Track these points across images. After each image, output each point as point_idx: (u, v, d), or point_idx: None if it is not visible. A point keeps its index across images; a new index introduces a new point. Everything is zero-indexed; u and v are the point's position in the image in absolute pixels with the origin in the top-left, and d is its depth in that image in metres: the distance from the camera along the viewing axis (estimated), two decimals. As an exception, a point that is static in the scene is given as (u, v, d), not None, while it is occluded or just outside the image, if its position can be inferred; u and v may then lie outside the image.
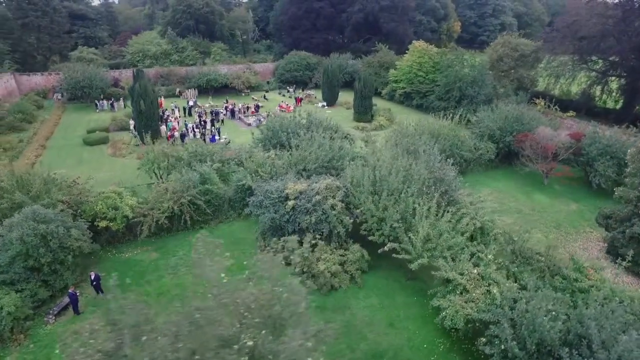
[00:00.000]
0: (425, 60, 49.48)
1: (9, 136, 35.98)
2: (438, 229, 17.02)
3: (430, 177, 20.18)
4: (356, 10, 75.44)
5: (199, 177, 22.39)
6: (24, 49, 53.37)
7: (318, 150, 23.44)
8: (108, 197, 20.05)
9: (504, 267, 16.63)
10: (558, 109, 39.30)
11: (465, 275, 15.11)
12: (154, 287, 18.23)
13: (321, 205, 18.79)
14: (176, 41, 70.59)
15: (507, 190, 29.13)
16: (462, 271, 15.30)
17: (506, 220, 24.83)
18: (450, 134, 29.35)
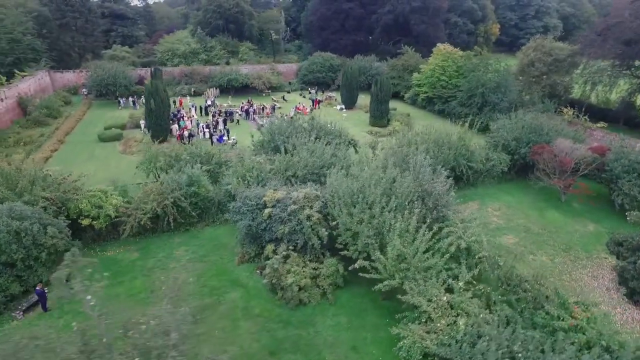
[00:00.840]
0: (449, 64, 47.34)
1: (34, 130, 37.90)
2: (414, 247, 15.80)
3: (416, 190, 18.90)
4: (386, 12, 73.85)
5: (187, 179, 22.29)
6: (60, 47, 56.40)
7: (308, 156, 22.71)
8: (93, 196, 20.34)
9: (484, 295, 15.19)
10: (587, 119, 36.21)
11: (433, 302, 13.87)
12: (126, 287, 18.24)
13: (296, 215, 18.07)
14: (205, 40, 72.08)
15: (519, 206, 27.04)
16: (431, 297, 14.05)
17: (510, 239, 23.06)
18: (457, 143, 27.59)
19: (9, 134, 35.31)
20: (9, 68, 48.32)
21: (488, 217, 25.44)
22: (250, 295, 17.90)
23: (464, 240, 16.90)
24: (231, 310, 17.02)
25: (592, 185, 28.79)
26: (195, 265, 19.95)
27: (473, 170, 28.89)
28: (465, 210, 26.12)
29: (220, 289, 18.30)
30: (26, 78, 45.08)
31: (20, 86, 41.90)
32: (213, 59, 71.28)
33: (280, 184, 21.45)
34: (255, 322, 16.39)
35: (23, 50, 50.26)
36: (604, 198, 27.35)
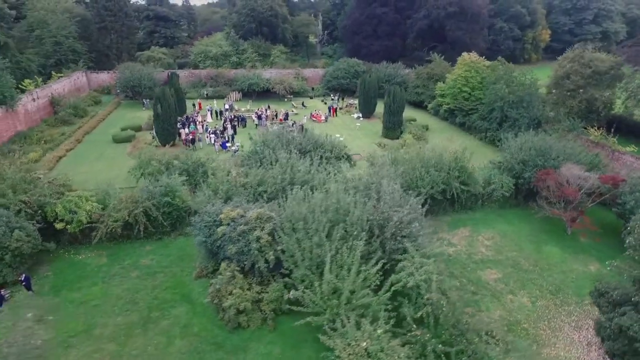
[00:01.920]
0: (472, 75, 44.72)
1: (58, 129, 40.61)
2: (349, 282, 14.87)
3: (375, 218, 17.85)
4: (421, 17, 71.41)
5: (162, 189, 22.67)
6: (99, 49, 60.19)
7: (279, 173, 22.23)
8: (70, 201, 21.24)
9: (419, 342, 13.98)
10: (616, 141, 32.60)
11: (351, 346, 12.94)
12: (82, 294, 18.85)
13: (246, 236, 17.71)
14: (237, 43, 73.63)
15: (515, 236, 24.86)
16: (351, 341, 13.12)
17: (493, 274, 21.27)
18: (452, 164, 25.81)
19: (35, 132, 38.07)
20: (51, 69, 52.26)
21: (476, 246, 23.67)
22: (196, 312, 17.82)
23: (414, 278, 15.66)
24: (172, 326, 17.05)
25: (608, 217, 25.94)
26: (155, 276, 20.26)
27: (470, 194, 27.01)
28: (453, 237, 24.60)
29: (169, 303, 18.39)
30: (62, 79, 48.48)
31: (53, 86, 45.14)
32: (244, 62, 72.68)
33: (247, 200, 21.25)
34: (190, 342, 16.27)
35: (65, 52, 54.17)
36: (616, 233, 24.41)
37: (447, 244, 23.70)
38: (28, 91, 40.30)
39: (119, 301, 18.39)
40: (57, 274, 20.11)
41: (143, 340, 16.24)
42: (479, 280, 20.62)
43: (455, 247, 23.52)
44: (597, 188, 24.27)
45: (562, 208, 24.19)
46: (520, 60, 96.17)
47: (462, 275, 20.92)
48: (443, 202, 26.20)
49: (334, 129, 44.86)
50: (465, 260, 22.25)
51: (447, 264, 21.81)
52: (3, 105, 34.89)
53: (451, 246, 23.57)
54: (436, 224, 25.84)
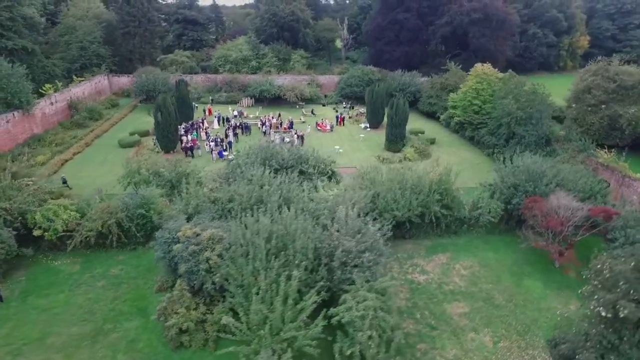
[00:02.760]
0: (484, 87, 42.91)
1: (72, 132, 42.74)
2: (277, 313, 14.63)
3: (324, 247, 17.49)
4: (443, 23, 69.33)
5: (137, 201, 23.28)
6: (122, 53, 62.91)
7: (250, 189, 22.24)
8: (49, 209, 22.29)
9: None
10: (628, 165, 30.16)
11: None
12: (48, 301, 19.71)
13: (196, 256, 17.88)
14: (257, 48, 74.57)
15: (496, 266, 23.59)
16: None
17: (460, 307, 20.32)
18: (433, 186, 24.77)
19: (50, 135, 40.29)
20: (76, 72, 55.17)
21: (451, 275, 22.67)
22: (146, 327, 18.18)
23: (350, 313, 15.20)
24: (120, 340, 17.49)
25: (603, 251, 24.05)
26: (119, 287, 20.87)
27: (454, 218, 25.92)
28: (428, 263, 23.69)
29: (124, 315, 18.88)
30: (82, 82, 51.02)
31: (73, 90, 47.62)
32: (263, 67, 73.55)
33: (213, 217, 21.47)
34: (131, 358, 16.63)
35: (89, 56, 57.02)
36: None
37: (420, 271, 22.88)
38: (47, 95, 42.70)
39: (79, 310, 19.11)
40: (30, 279, 21.17)
41: (89, 352, 16.77)
42: (442, 314, 19.72)
43: (428, 274, 22.63)
44: (589, 220, 22.64)
45: (550, 239, 22.70)
46: (555, 68, 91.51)
47: (426, 307, 20.11)
48: (423, 225, 25.30)
49: (336, 140, 44.53)
50: (434, 291, 21.35)
51: (413, 293, 21.20)
52: (20, 110, 37.16)
53: (423, 274, 22.71)
54: (414, 248, 25.14)
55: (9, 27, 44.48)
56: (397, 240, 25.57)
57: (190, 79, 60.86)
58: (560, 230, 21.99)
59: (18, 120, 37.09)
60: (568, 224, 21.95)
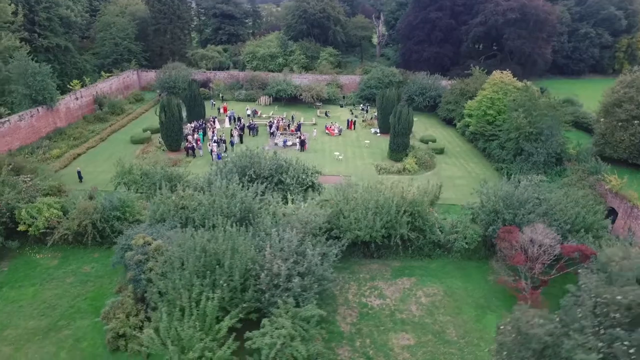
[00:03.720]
0: (499, 97, 40.37)
1: (94, 126, 45.60)
2: (189, 332, 14.98)
3: (254, 267, 17.58)
4: (477, 23, 65.69)
5: (114, 202, 24.60)
6: (153, 49, 65.83)
7: (211, 200, 22.71)
8: (34, 207, 24.17)
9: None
10: (638, 195, 27.22)
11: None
12: (18, 293, 21.46)
13: (140, 265, 18.67)
14: (286, 44, 74.92)
15: (461, 296, 22.46)
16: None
17: (404, 339, 19.70)
18: (402, 207, 23.83)
19: (72, 129, 43.29)
20: (108, 67, 58.66)
21: (409, 302, 21.91)
22: (95, 328, 19.29)
23: (261, 340, 15.25)
24: (67, 338, 18.76)
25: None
26: (86, 284, 22.28)
27: (427, 241, 24.91)
28: (389, 287, 23.02)
29: (80, 314, 20.17)
30: (110, 78, 54.16)
31: (99, 85, 50.70)
32: (291, 64, 73.93)
33: (173, 226, 22.20)
34: (72, 356, 17.81)
35: (121, 52, 60.30)
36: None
37: (377, 295, 22.30)
38: (73, 91, 45.85)
39: (42, 305, 20.68)
40: (12, 270, 23.18)
41: (37, 348, 18.17)
42: (384, 345, 19.16)
43: (384, 299, 22.01)
44: (565, 258, 20.87)
45: (522, 275, 21.19)
46: (609, 71, 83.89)
47: (369, 335, 19.63)
48: (392, 246, 24.51)
49: (340, 145, 44.03)
50: (385, 318, 20.74)
51: (362, 318, 20.75)
52: (44, 105, 40.27)
53: (380, 298, 22.12)
54: (380, 269, 24.53)
55: (46, 26, 48.08)
56: (365, 260, 25.16)
57: (213, 76, 62.64)
58: (530, 266, 20.48)
59: (42, 115, 40.24)
60: (538, 260, 20.38)
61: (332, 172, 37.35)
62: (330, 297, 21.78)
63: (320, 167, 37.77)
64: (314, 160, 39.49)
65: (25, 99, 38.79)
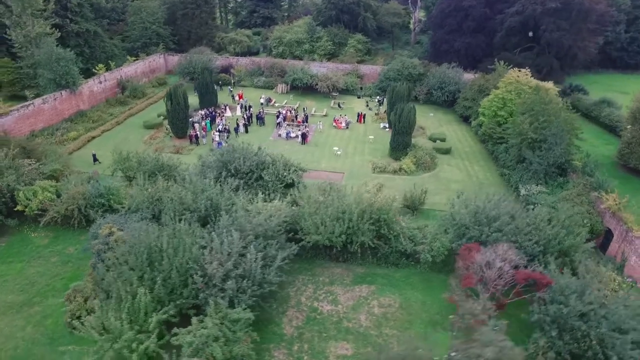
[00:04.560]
0: (511, 98, 37.94)
1: (113, 109, 48.25)
2: (118, 324, 16.18)
3: (196, 266, 18.40)
4: (513, 12, 61.17)
5: (99, 190, 26.39)
6: (180, 33, 67.77)
7: (179, 195, 23.75)
8: (30, 190, 26.51)
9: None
10: (634, 219, 24.93)
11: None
12: (6, 268, 23.89)
13: (101, 254, 20.17)
14: (313, 30, 74.15)
15: (415, 311, 22.16)
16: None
17: (344, 349, 20.02)
18: (367, 213, 23.52)
19: (94, 111, 46.17)
20: (137, 51, 61.38)
21: (360, 312, 21.98)
22: (63, 306, 21.07)
23: (184, 338, 16.16)
24: (37, 314, 20.80)
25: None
26: (66, 265, 24.33)
27: (393, 250, 24.56)
28: (345, 293, 23.12)
29: (53, 292, 22.16)
30: (136, 62, 56.70)
31: (124, 69, 53.31)
32: (317, 50, 73.33)
33: (147, 216, 23.58)
34: (36, 331, 19.77)
35: (150, 35, 62.74)
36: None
37: (331, 301, 22.52)
38: (97, 75, 48.67)
39: (24, 281, 22.94)
40: (8, 246, 25.77)
41: (8, 320, 20.33)
42: (321, 352, 19.49)
43: (336, 306, 22.19)
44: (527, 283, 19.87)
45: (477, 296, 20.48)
46: (675, 67, 75.37)
47: (309, 341, 20.03)
48: (356, 252, 24.43)
49: (344, 139, 43.62)
50: (330, 325, 20.99)
51: (308, 323, 21.13)
52: (67, 89, 43.22)
53: (333, 304, 22.32)
54: (343, 273, 24.67)
55: (77, 12, 50.98)
56: (329, 263, 25.33)
57: (236, 61, 63.61)
58: (487, 288, 19.74)
59: (65, 98, 43.26)
60: (493, 284, 19.58)
61: (327, 168, 37.35)
62: (282, 299, 22.37)
63: (316, 162, 38.47)
64: (312, 155, 39.77)
65: (50, 83, 41.82)
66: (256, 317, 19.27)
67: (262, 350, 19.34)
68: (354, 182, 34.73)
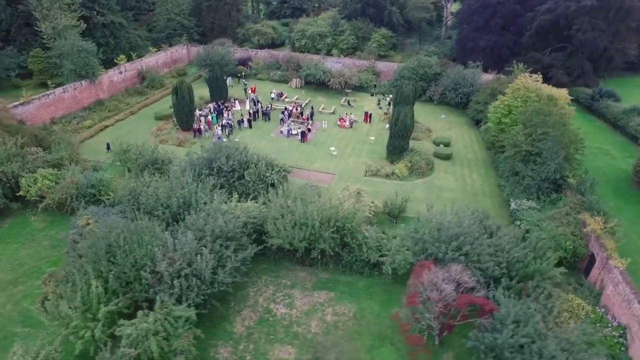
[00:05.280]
0: (517, 105, 36.20)
1: (131, 99, 50.73)
2: (71, 312, 17.72)
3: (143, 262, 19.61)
4: (544, 10, 57.56)
5: (93, 180, 28.36)
6: (204, 25, 69.47)
7: (155, 191, 25.08)
8: (31, 177, 28.92)
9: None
10: (615, 246, 23.39)
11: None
12: (2, 248, 26.34)
13: (73, 244, 21.93)
14: (337, 23, 73.51)
15: (367, 323, 22.41)
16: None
17: (287, 354, 20.65)
18: (332, 220, 23.74)
19: (111, 100, 48.84)
20: (161, 42, 63.80)
21: (313, 317, 22.58)
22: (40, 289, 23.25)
23: (123, 329, 17.47)
24: (19, 293, 23.08)
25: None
26: (55, 249, 26.50)
27: (356, 258, 24.72)
28: (303, 298, 23.71)
29: (38, 274, 24.07)
30: (158, 52, 58.98)
31: (145, 60, 55.67)
32: (339, 44, 72.79)
33: (125, 210, 25.19)
34: (14, 309, 21.95)
35: (174, 27, 64.93)
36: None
37: (286, 304, 23.15)
38: (117, 65, 51.30)
39: (15, 262, 25.29)
40: (10, 227, 28.40)
41: (-15, 299, 22.59)
42: (264, 353, 20.27)
43: (291, 310, 22.81)
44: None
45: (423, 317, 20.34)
46: None
47: (256, 341, 20.87)
48: (317, 258, 24.76)
49: (344, 139, 43.47)
50: (280, 328, 21.69)
51: (259, 323, 21.93)
52: (87, 79, 46.02)
53: (288, 307, 22.96)
54: (305, 278, 25.28)
55: (104, 4, 53.69)
56: (295, 266, 25.88)
57: (255, 54, 64.49)
58: (430, 309, 19.58)
59: (85, 87, 46.09)
60: (438, 306, 19.35)
61: (320, 168, 37.58)
62: (241, 298, 23.29)
63: (310, 161, 38.82)
64: (308, 154, 40.08)
65: (71, 73, 44.71)
66: (210, 314, 20.48)
67: (209, 346, 20.43)
68: (343, 184, 34.95)
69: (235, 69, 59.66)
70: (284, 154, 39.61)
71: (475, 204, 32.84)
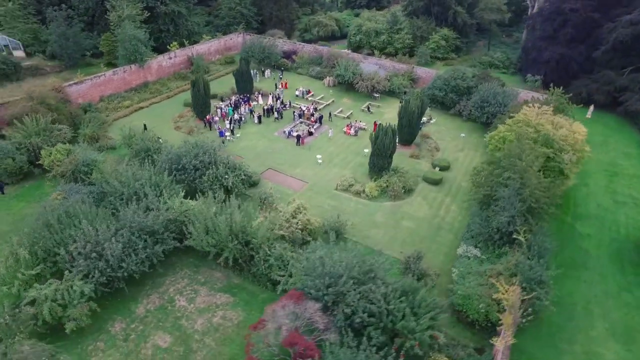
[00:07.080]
0: (511, 139, 32.75)
1: (175, 83, 56.75)
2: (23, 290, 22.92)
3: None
4: (626, 22, 48.80)
5: (87, 160, 34.04)
6: (264, 15, 72.79)
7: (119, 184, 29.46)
8: (47, 150, 35.63)
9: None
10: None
11: None
12: (16, 202, 33.46)
13: (39, 218, 27.38)
14: (396, 20, 71.16)
15: (245, 334, 23.94)
16: None
17: (162, 341, 23.48)
18: (242, 230, 25.62)
19: (157, 83, 55.40)
20: (222, 29, 69.16)
21: (203, 315, 24.93)
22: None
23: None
24: (4, 250, 29.35)
25: None
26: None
27: (260, 272, 26.31)
28: (204, 295, 26.10)
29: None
30: (211, 40, 64.22)
31: (196, 47, 61.22)
32: (394, 43, 70.72)
33: (95, 192, 30.17)
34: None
35: (234, 15, 69.59)
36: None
37: (190, 299, 25.87)
38: (167, 52, 57.61)
39: (16, 216, 31.97)
40: (28, 188, 35.62)
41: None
42: (145, 337, 23.37)
43: (190, 304, 25.46)
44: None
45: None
46: None
47: (145, 324, 24.06)
48: (234, 265, 26.83)
49: (338, 148, 43.53)
50: (171, 318, 24.58)
51: (159, 309, 25.03)
52: (136, 63, 52.97)
53: (189, 302, 25.62)
54: (221, 279, 27.68)
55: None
56: (218, 266, 27.92)
57: (301, 48, 66.18)
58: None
59: (134, 71, 53.12)
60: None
61: (297, 175, 38.74)
62: (157, 284, 26.66)
63: (293, 166, 40.30)
64: (295, 158, 41.36)
65: (123, 58, 51.91)
66: (120, 293, 24.25)
67: (109, 319, 24.32)
68: (311, 194, 36.04)
69: (279, 61, 62.25)
70: (274, 155, 41.74)
71: (431, 239, 31.62)
